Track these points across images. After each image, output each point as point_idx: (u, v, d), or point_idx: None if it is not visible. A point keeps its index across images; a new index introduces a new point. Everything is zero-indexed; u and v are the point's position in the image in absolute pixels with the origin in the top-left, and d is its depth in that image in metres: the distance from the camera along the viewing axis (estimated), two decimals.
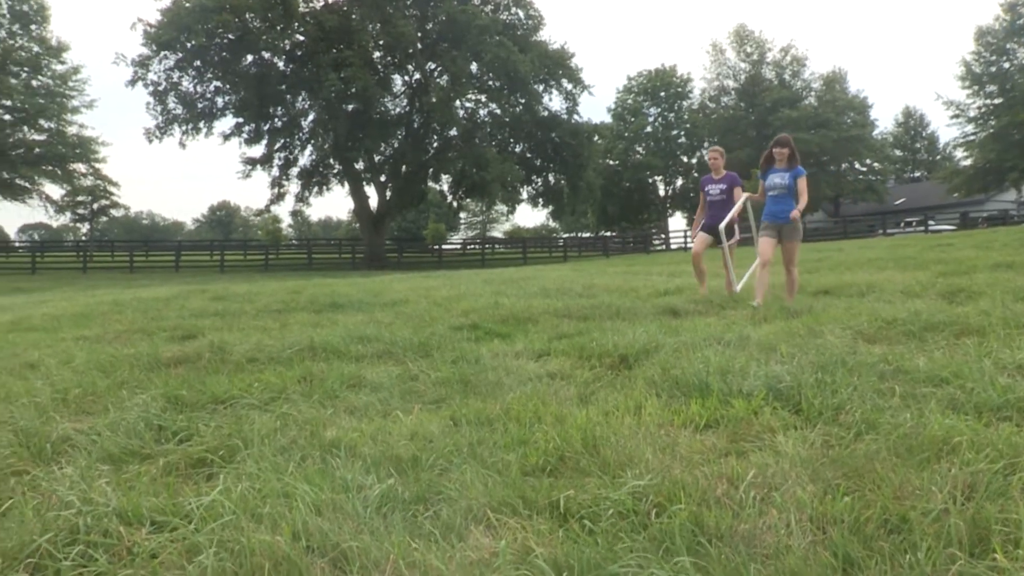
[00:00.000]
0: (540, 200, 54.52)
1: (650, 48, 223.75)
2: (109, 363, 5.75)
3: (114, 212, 65.80)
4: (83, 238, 69.68)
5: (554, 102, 67.32)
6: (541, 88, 50.13)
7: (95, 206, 63.64)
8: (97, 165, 57.23)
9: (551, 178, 52.98)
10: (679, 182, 74.61)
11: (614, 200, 69.88)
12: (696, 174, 68.84)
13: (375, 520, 2.63)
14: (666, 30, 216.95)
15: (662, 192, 75.04)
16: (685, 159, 72.80)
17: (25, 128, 53.01)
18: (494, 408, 4.06)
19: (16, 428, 3.82)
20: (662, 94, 72.53)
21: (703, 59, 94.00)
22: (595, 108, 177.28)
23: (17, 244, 77.76)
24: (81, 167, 56.18)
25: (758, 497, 2.67)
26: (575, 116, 51.31)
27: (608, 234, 70.09)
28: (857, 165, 68.41)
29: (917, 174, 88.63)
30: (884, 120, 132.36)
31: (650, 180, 73.45)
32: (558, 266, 29.46)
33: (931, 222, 48.48)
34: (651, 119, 72.73)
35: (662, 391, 4.27)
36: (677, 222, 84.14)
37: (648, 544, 2.39)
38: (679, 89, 72.89)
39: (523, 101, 48.84)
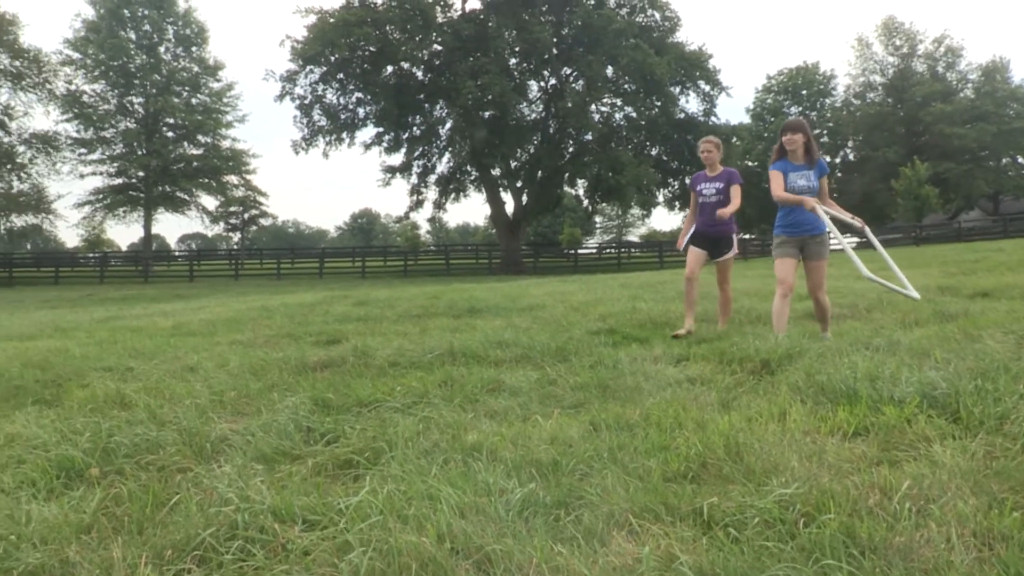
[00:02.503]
0: (676, 203, 53.61)
1: (791, 46, 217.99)
2: (260, 367, 6.00)
3: (263, 221, 68.95)
4: (235, 246, 73.19)
5: (691, 104, 65.72)
6: (677, 90, 49.59)
7: (246, 215, 66.78)
8: (248, 176, 60.33)
9: (687, 181, 52.08)
10: None
11: (753, 202, 67.50)
12: (840, 173, 66.31)
13: (517, 524, 2.64)
14: (808, 28, 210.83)
15: None
16: (828, 158, 70.23)
17: (185, 144, 56.30)
18: (634, 413, 4.03)
19: (180, 428, 4.05)
20: (803, 92, 70.24)
21: (847, 55, 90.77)
22: (733, 109, 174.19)
23: (177, 253, 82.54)
24: (234, 179, 59.35)
25: (914, 509, 2.54)
26: (712, 118, 50.53)
27: (747, 237, 68.52)
28: (1020, 160, 64.09)
29: None
30: None
31: None
32: None
33: None
34: (791, 118, 70.57)
35: (807, 397, 4.13)
36: None
37: (797, 554, 2.31)
38: (821, 87, 70.40)
39: (659, 104, 48.37)
